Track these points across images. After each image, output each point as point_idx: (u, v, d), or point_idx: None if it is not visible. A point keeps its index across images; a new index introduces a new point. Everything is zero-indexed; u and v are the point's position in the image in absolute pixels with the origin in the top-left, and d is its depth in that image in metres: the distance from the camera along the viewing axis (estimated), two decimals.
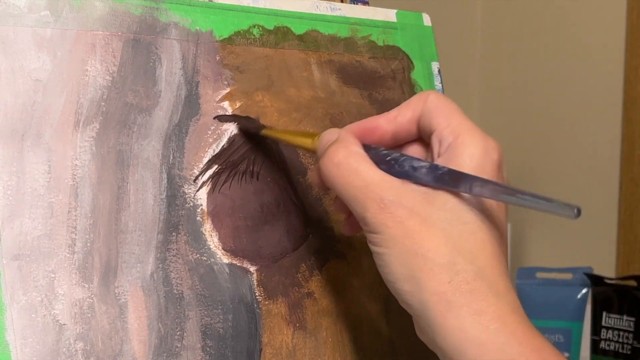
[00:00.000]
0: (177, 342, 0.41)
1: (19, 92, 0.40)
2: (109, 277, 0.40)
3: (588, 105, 1.49)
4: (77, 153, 0.41)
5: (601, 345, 1.01)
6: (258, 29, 0.48)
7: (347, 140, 0.40)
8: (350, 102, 0.51)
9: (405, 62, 0.54)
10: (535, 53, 1.58)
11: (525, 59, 1.60)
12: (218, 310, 0.43)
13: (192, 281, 0.42)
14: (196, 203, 0.44)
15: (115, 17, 0.43)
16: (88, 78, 0.41)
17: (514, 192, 0.36)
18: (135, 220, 0.41)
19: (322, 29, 0.51)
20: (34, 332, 0.38)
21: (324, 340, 0.46)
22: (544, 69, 1.56)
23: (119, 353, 0.39)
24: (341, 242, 0.48)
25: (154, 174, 0.43)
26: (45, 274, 0.39)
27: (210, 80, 0.46)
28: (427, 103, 0.41)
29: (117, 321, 0.40)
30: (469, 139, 0.38)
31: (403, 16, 0.55)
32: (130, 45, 0.43)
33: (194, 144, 0.44)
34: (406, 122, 0.41)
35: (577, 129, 1.49)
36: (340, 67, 0.51)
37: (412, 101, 0.42)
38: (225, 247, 0.44)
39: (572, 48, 1.51)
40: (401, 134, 0.42)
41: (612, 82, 1.44)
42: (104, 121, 0.42)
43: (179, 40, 0.45)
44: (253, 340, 0.43)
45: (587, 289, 1.05)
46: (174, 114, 0.44)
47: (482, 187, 0.36)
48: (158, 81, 0.44)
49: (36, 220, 0.39)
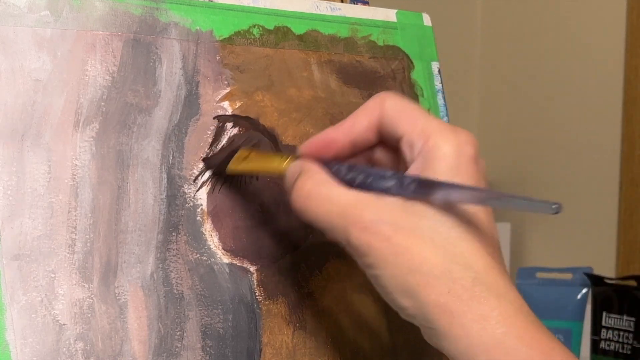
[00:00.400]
0: (177, 342, 0.41)
1: (19, 92, 0.39)
2: (109, 277, 0.40)
3: (588, 105, 1.49)
4: (77, 153, 0.41)
5: (601, 345, 1.01)
6: (258, 29, 0.48)
7: (310, 169, 0.39)
8: (351, 102, 0.51)
9: (405, 62, 0.54)
10: (535, 53, 1.58)
11: (525, 59, 1.60)
12: (218, 310, 0.43)
13: (192, 281, 0.42)
14: (196, 203, 0.44)
15: (115, 17, 0.43)
16: (88, 78, 0.41)
17: (489, 195, 0.35)
18: (135, 220, 0.41)
19: (322, 29, 0.51)
20: (34, 332, 0.38)
21: (324, 340, 0.46)
22: (544, 69, 1.56)
23: (119, 353, 0.39)
24: None
25: (153, 174, 0.43)
26: (45, 274, 0.39)
27: (210, 80, 0.46)
28: (386, 109, 0.39)
29: (117, 321, 0.40)
30: (440, 140, 0.37)
31: (403, 16, 0.55)
32: (130, 45, 0.43)
33: (193, 143, 0.44)
34: (364, 130, 0.40)
35: (577, 129, 1.49)
36: (340, 67, 0.51)
37: (367, 108, 0.40)
38: (225, 247, 0.44)
39: (572, 48, 1.51)
40: (360, 142, 0.40)
41: (612, 82, 1.44)
42: (104, 121, 0.42)
43: (179, 40, 0.45)
44: (253, 340, 0.43)
45: (587, 289, 1.05)
46: (174, 114, 0.44)
47: (458, 194, 0.36)
48: (158, 81, 0.44)
49: (36, 220, 0.39)
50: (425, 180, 0.36)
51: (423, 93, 0.54)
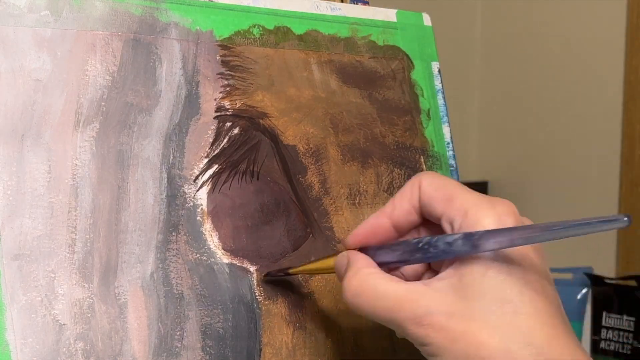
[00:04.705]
0: (177, 342, 0.41)
1: (19, 92, 0.40)
2: (109, 277, 0.40)
3: (588, 106, 1.49)
4: (77, 153, 0.41)
5: (601, 345, 1.01)
6: (258, 29, 0.48)
7: (357, 262, 0.39)
8: (351, 102, 0.51)
9: (405, 62, 0.54)
10: (535, 53, 1.58)
11: (525, 59, 1.60)
12: (218, 310, 0.43)
13: (192, 281, 0.42)
14: (196, 203, 0.44)
15: (115, 17, 0.43)
16: (88, 78, 0.41)
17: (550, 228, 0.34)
18: (135, 220, 0.41)
19: (322, 29, 0.51)
20: (34, 332, 0.38)
21: (324, 340, 0.46)
22: (544, 69, 1.56)
23: (119, 353, 0.39)
24: (341, 242, 0.48)
25: (154, 174, 0.43)
26: (45, 273, 0.39)
27: (210, 80, 0.46)
28: (423, 190, 0.39)
29: (117, 321, 0.40)
30: (478, 214, 0.37)
31: (403, 16, 0.55)
32: (130, 45, 0.43)
33: (194, 143, 0.44)
34: (405, 213, 0.40)
35: (577, 129, 1.49)
36: (340, 67, 0.51)
37: (405, 191, 0.40)
38: (225, 247, 0.44)
39: (572, 48, 1.51)
40: (403, 225, 0.41)
41: (612, 82, 1.44)
42: (104, 121, 0.42)
43: (179, 40, 0.45)
44: (253, 340, 0.43)
45: (587, 289, 1.05)
46: (174, 114, 0.44)
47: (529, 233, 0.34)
48: (158, 81, 0.44)
49: (36, 220, 0.39)
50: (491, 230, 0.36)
51: (423, 93, 0.54)
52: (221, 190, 0.45)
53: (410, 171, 0.52)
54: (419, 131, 0.53)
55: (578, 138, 1.49)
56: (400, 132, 0.52)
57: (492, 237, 0.35)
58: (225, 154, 0.45)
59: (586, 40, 1.49)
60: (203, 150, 0.44)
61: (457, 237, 0.36)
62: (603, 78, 1.45)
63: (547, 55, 1.55)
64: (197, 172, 0.44)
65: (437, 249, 0.37)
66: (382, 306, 0.37)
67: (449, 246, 0.36)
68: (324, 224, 0.48)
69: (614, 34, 1.43)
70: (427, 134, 0.53)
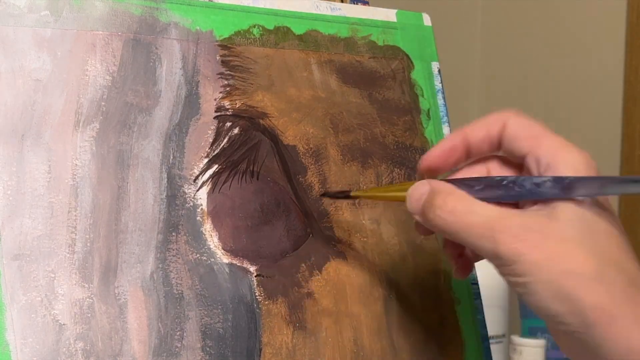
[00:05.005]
0: (177, 342, 0.41)
1: (19, 92, 0.40)
2: (109, 277, 0.40)
3: (588, 105, 1.49)
4: (77, 153, 0.41)
5: None
6: (258, 29, 0.48)
7: (445, 187, 0.40)
8: (351, 102, 0.51)
9: (405, 62, 0.54)
10: (535, 53, 1.58)
11: (525, 59, 1.60)
12: (218, 310, 0.43)
13: (192, 281, 0.42)
14: (196, 203, 0.44)
15: (115, 17, 0.43)
16: (88, 78, 0.42)
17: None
18: (135, 220, 0.41)
19: (322, 29, 0.51)
20: (34, 332, 0.38)
21: (324, 340, 0.46)
22: (544, 69, 1.56)
23: (118, 353, 0.39)
24: (341, 242, 0.48)
25: (154, 174, 0.43)
26: (45, 274, 0.39)
27: (210, 80, 0.46)
28: (510, 126, 0.40)
29: (117, 321, 0.40)
30: (568, 154, 0.38)
31: (403, 16, 0.55)
32: (130, 45, 0.43)
33: (194, 143, 0.44)
34: (479, 140, 0.41)
35: (577, 129, 1.49)
36: (340, 67, 0.51)
37: (487, 120, 0.41)
38: (225, 247, 0.44)
39: (572, 48, 1.51)
40: (474, 151, 0.42)
41: (612, 82, 1.44)
42: (104, 121, 0.42)
43: (179, 40, 0.45)
44: (253, 340, 0.43)
45: None
46: (174, 114, 0.44)
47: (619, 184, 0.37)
48: (158, 81, 0.44)
49: (36, 220, 0.39)
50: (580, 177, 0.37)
51: (423, 93, 0.54)
52: (221, 190, 0.45)
53: (411, 171, 0.52)
54: (419, 131, 0.53)
55: (578, 138, 1.49)
56: (400, 132, 0.52)
57: (584, 184, 0.37)
58: (225, 154, 0.45)
59: (586, 40, 1.49)
60: (203, 150, 0.44)
61: (546, 179, 0.37)
62: (603, 78, 1.45)
63: (547, 55, 1.55)
64: (197, 172, 0.44)
65: (522, 189, 0.38)
66: (478, 222, 0.38)
67: (537, 187, 0.38)
68: (324, 224, 0.48)
69: (614, 34, 1.43)
70: (427, 134, 0.53)
